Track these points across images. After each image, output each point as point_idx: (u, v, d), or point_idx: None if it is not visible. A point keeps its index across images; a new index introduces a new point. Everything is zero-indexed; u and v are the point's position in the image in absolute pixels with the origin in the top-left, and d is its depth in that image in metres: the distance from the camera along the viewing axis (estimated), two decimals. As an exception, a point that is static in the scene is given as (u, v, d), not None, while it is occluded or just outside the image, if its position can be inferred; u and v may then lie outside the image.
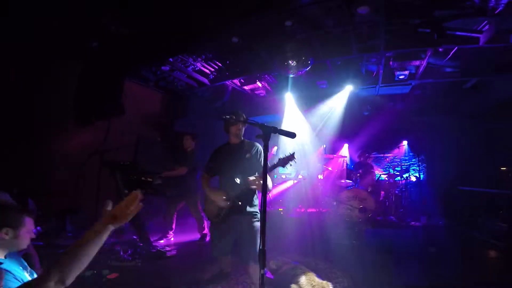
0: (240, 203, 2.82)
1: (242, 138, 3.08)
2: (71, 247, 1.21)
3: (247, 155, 2.95)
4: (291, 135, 1.97)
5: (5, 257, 1.58)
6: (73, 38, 4.25)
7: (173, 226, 5.26)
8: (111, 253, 4.13)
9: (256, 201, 2.98)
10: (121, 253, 4.10)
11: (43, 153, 4.55)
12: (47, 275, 1.12)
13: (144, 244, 4.48)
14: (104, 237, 1.25)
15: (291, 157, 2.73)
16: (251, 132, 2.87)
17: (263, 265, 1.68)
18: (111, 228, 1.27)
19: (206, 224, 4.99)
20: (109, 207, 1.31)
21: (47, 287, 1.10)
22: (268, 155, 1.94)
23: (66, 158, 4.76)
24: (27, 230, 1.66)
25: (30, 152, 4.41)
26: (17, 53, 4.07)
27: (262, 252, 1.69)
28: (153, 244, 4.54)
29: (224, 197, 2.84)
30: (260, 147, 3.02)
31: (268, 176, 2.58)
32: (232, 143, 3.06)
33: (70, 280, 1.16)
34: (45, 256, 2.84)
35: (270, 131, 1.93)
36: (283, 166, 2.73)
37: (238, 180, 2.83)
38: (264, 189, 1.83)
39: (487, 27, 4.12)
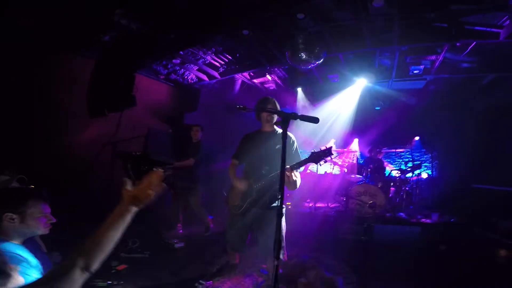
0: (264, 197, 2.65)
1: (275, 126, 2.88)
2: (95, 232, 1.13)
3: (278, 146, 2.72)
4: (314, 120, 1.82)
5: (23, 244, 1.59)
6: (84, 32, 4.28)
7: (180, 218, 5.31)
8: (120, 244, 4.20)
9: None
10: (130, 244, 4.17)
11: (56, 145, 4.64)
12: (73, 262, 1.07)
13: (152, 236, 4.55)
14: (128, 219, 1.17)
15: (327, 152, 2.37)
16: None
17: (278, 255, 1.60)
18: (134, 209, 1.18)
19: (208, 218, 5.00)
20: (129, 187, 1.21)
21: (73, 274, 1.05)
22: None
23: (80, 150, 4.85)
24: (37, 214, 1.63)
25: (44, 144, 4.50)
26: (21, 48, 4.09)
27: (278, 241, 1.59)
28: (162, 235, 4.60)
29: (249, 186, 2.69)
30: (293, 138, 2.80)
31: (297, 172, 2.46)
32: (264, 131, 2.88)
33: (95, 266, 1.11)
34: (55, 246, 2.89)
35: (289, 118, 1.82)
36: (316, 162, 2.46)
37: (264, 172, 2.67)
38: (282, 182, 1.74)
39: (507, 22, 3.96)
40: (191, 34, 4.47)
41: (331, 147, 2.39)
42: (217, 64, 5.81)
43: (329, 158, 2.38)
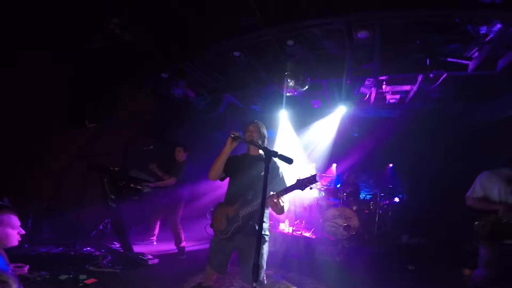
0: (250, 222, 2.59)
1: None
2: None
3: (263, 173, 2.49)
4: (289, 160, 2.12)
5: None
6: (69, 40, 4.21)
7: (155, 232, 5.27)
8: (90, 258, 4.01)
9: (267, 219, 2.78)
10: (100, 259, 3.98)
11: (28, 154, 4.43)
12: None
13: (125, 251, 4.37)
14: None
15: (312, 180, 2.40)
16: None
17: (256, 278, 1.74)
18: None
19: (183, 237, 4.88)
20: None
21: None
22: None
23: (54, 161, 4.64)
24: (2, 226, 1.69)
25: (14, 153, 4.31)
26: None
27: (256, 266, 1.76)
28: (135, 251, 4.42)
29: (235, 212, 2.63)
30: (278, 164, 2.76)
31: (283, 197, 2.50)
32: (251, 155, 2.84)
33: None
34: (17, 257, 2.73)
35: (271, 155, 2.09)
36: (302, 189, 2.43)
37: (250, 197, 2.60)
38: (262, 209, 1.93)
39: (476, 54, 4.16)
40: (181, 50, 4.52)
41: (315, 175, 2.44)
42: (206, 81, 5.85)
43: (313, 185, 2.48)
